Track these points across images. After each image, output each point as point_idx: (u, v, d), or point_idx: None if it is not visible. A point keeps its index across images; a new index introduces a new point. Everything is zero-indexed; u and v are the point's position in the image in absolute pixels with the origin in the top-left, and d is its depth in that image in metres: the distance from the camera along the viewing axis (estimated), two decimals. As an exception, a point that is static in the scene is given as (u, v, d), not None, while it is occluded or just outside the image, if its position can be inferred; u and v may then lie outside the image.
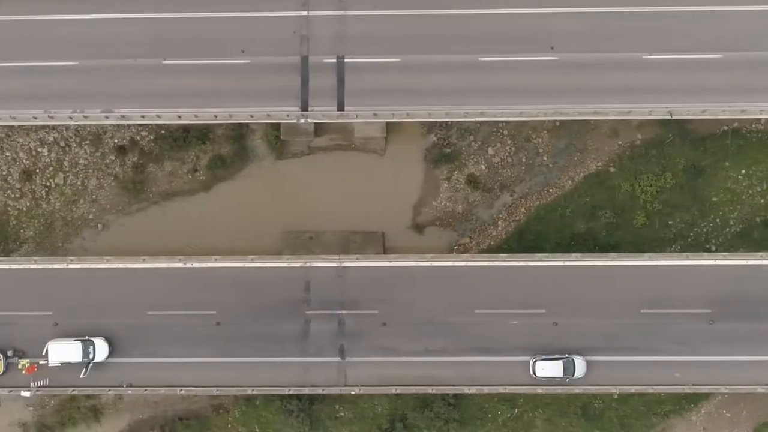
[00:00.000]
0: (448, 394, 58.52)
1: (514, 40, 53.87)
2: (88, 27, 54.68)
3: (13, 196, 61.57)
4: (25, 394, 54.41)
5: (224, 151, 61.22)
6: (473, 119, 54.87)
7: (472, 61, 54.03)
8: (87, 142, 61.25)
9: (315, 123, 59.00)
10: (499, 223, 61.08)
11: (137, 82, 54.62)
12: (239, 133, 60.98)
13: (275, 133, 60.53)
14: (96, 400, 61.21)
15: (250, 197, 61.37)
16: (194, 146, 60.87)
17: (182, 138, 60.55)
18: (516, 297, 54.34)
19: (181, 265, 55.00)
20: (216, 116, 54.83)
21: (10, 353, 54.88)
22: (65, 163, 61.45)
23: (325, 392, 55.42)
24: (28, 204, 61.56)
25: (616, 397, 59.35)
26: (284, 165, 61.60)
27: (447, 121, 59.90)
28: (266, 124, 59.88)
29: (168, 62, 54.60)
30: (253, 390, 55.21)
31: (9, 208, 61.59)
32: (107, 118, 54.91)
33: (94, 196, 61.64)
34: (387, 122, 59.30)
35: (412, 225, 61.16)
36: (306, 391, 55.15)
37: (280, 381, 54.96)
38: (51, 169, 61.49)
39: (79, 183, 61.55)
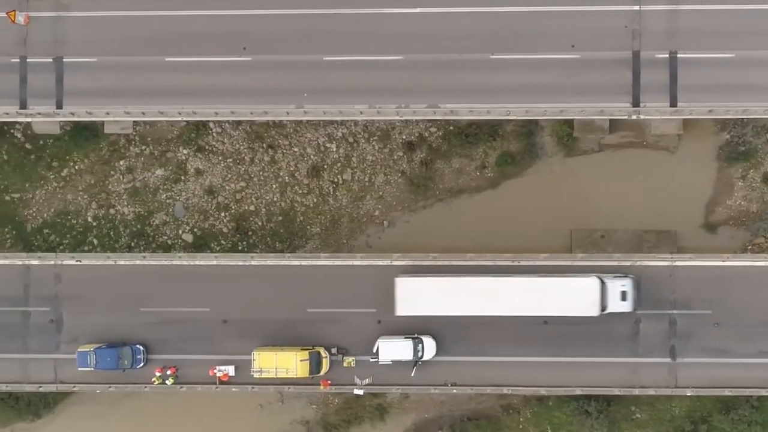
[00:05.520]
0: (752, 397, 57.47)
1: None
2: (413, 21, 54.07)
3: (300, 192, 60.98)
4: (358, 392, 53.90)
5: (513, 147, 60.40)
6: (815, 117, 53.93)
7: (811, 57, 53.11)
8: (375, 137, 60.59)
9: (610, 120, 58.31)
10: (796, 222, 60.01)
11: (464, 77, 53.97)
12: (529, 129, 60.14)
13: (568, 130, 59.63)
14: (381, 398, 60.47)
15: (538, 195, 60.45)
16: (483, 143, 60.09)
17: (473, 134, 59.79)
18: None
19: (508, 263, 54.20)
20: (545, 111, 54.10)
21: (333, 351, 54.31)
22: (353, 159, 60.80)
23: (658, 393, 54.42)
24: (315, 200, 60.96)
25: None
26: (573, 162, 60.63)
27: (742, 119, 58.88)
28: (558, 120, 59.03)
29: (496, 57, 53.88)
30: (581, 390, 54.34)
31: (296, 205, 61.01)
32: (434, 113, 54.25)
33: (380, 193, 60.97)
34: (683, 119, 58.41)
35: (704, 224, 60.07)
36: (636, 392, 54.30)
37: (606, 381, 54.11)
38: (339, 165, 60.86)
39: (366, 179, 60.89)
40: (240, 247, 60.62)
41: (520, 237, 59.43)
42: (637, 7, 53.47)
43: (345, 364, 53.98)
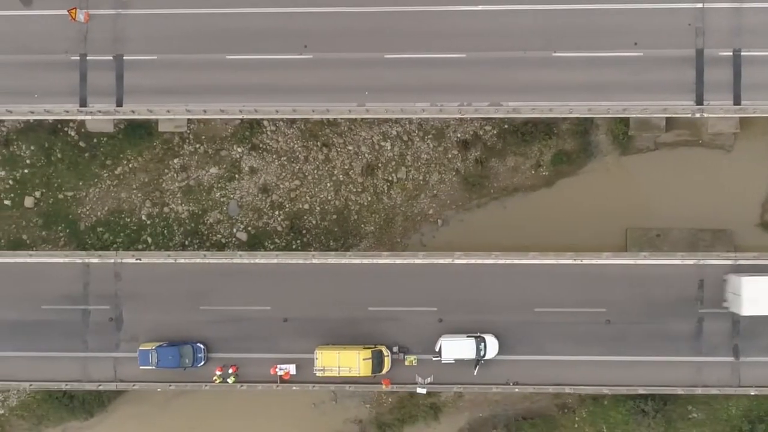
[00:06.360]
0: (810, 395, 57.31)
1: None
2: (476, 18, 53.90)
3: (354, 190, 60.80)
4: (421, 391, 53.71)
5: (568, 146, 60.18)
6: None
7: None
8: (430, 136, 60.41)
9: (666, 118, 58.09)
10: None
11: (526, 75, 53.81)
12: (584, 128, 59.93)
13: (623, 129, 59.40)
14: (435, 397, 60.27)
15: (593, 193, 60.25)
16: (539, 141, 59.89)
17: (528, 132, 59.60)
18: None
19: (571, 261, 54.01)
20: (608, 109, 53.94)
21: (395, 349, 54.10)
22: (408, 157, 60.60)
23: (721, 392, 54.27)
24: (369, 199, 60.77)
25: None
26: (628, 161, 60.40)
27: (798, 117, 58.65)
28: (614, 118, 58.79)
29: (558, 54, 53.72)
30: (644, 389, 54.16)
31: (350, 203, 60.83)
32: (496, 111, 54.09)
33: (434, 191, 60.75)
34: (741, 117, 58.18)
35: (760, 223, 59.81)
36: (699, 391, 54.08)
37: (669, 381, 53.87)
38: (393, 163, 60.68)
39: (420, 177, 60.69)
40: (294, 246, 60.45)
41: (575, 235, 59.25)
42: (700, 5, 53.29)
43: (407, 363, 53.76)
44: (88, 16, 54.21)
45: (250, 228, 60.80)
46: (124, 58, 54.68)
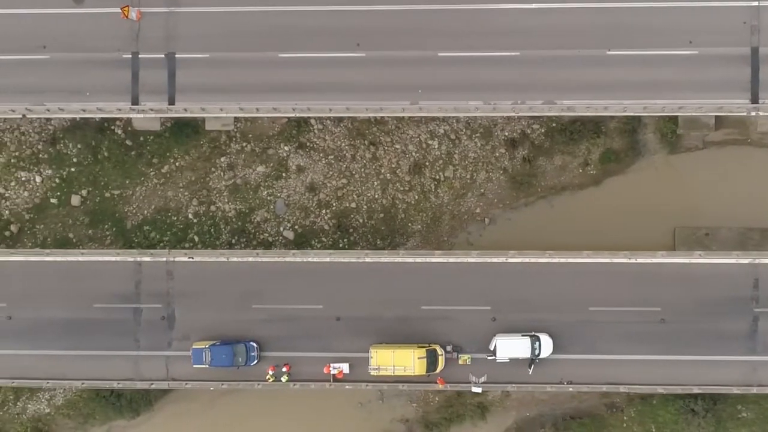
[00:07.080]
0: None
1: None
2: (529, 16, 53.78)
3: (401, 189, 60.63)
4: (476, 389, 53.56)
5: (616, 145, 59.98)
6: None
7: None
8: (477, 134, 60.23)
9: (715, 116, 57.91)
10: None
11: (580, 73, 53.62)
12: (632, 126, 59.73)
13: (672, 127, 59.21)
14: (482, 397, 60.06)
15: (641, 192, 60.06)
16: (587, 140, 59.70)
17: (577, 131, 59.40)
18: None
19: (625, 260, 53.82)
20: (663, 108, 53.76)
21: (448, 348, 53.96)
22: (455, 156, 60.43)
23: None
24: (416, 197, 60.62)
25: None
26: (676, 159, 60.20)
27: None
28: (662, 117, 58.56)
29: (612, 53, 53.54)
30: (698, 389, 53.95)
31: (397, 202, 60.68)
32: (550, 109, 53.92)
33: (482, 190, 60.58)
34: (790, 117, 57.91)
35: (809, 222, 59.75)
36: (754, 390, 53.88)
37: (724, 380, 53.70)
38: (441, 162, 60.52)
39: (468, 176, 60.51)
40: (341, 245, 60.29)
41: (623, 234, 59.00)
42: (755, 3, 53.10)
43: (461, 362, 53.63)
44: (140, 14, 54.13)
45: (296, 227, 60.66)
46: (176, 56, 54.59)
